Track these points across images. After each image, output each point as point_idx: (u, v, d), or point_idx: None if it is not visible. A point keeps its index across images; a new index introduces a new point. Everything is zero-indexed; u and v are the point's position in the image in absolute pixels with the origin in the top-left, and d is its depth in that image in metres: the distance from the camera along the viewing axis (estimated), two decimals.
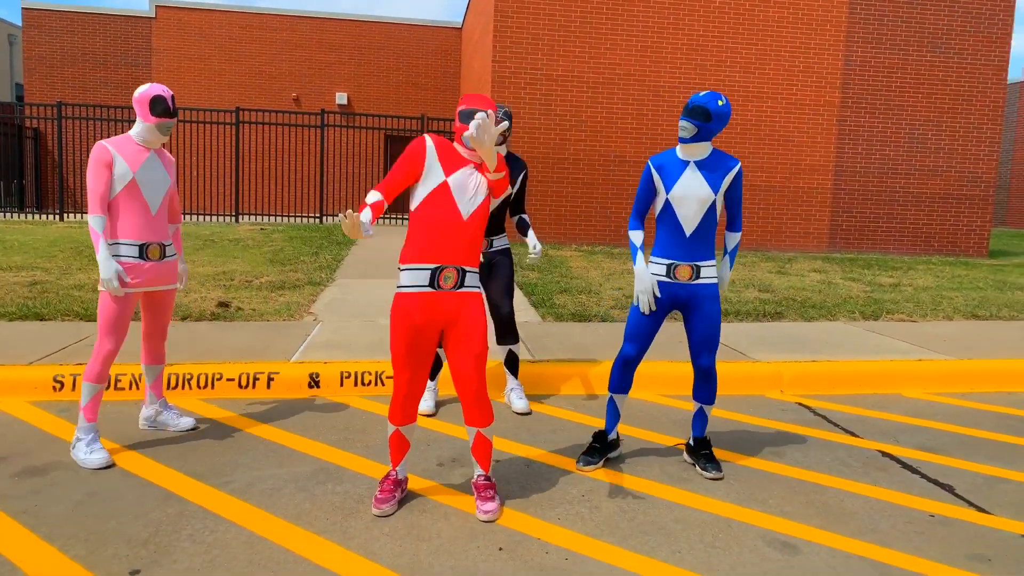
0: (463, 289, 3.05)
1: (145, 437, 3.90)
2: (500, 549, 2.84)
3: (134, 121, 15.32)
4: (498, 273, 4.40)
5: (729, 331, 6.29)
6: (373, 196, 2.95)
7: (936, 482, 3.61)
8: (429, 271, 2.99)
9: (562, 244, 13.09)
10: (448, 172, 3.03)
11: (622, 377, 3.67)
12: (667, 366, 5.09)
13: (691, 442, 3.73)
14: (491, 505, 3.08)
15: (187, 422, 3.99)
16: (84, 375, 3.54)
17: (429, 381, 4.52)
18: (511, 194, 4.38)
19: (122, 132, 19.10)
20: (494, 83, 12.68)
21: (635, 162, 13.13)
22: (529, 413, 4.48)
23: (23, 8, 20.04)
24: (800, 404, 4.85)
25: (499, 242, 4.41)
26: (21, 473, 3.40)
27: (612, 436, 3.75)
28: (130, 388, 4.57)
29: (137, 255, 3.60)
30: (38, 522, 2.94)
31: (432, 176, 3.02)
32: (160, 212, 3.69)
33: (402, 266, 3.04)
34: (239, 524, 2.98)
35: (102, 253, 3.49)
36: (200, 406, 4.43)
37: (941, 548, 2.94)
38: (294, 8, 20.98)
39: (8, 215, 16.10)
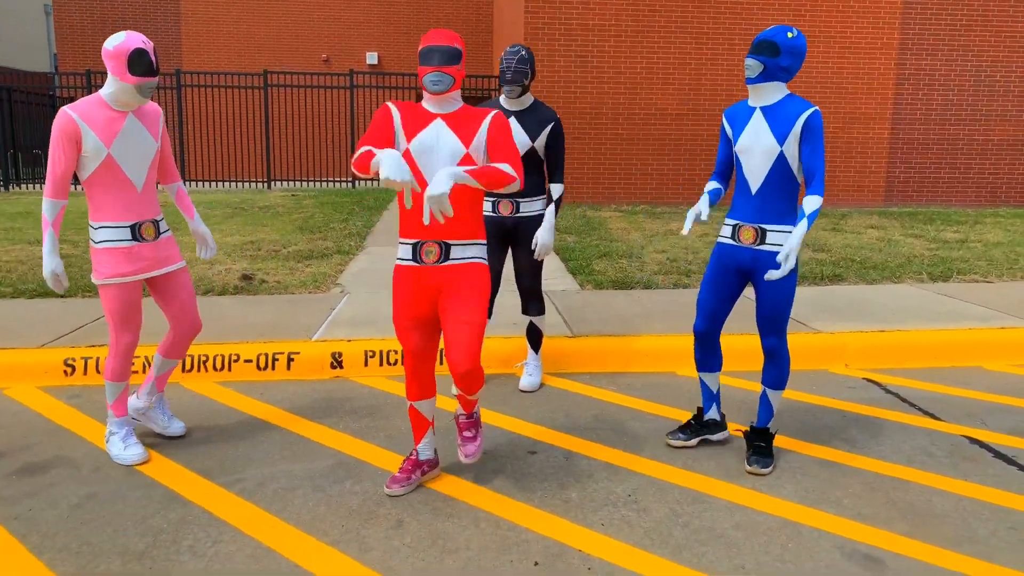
0: (452, 262, 2.81)
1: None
2: (536, 564, 2.49)
3: (169, 89, 15.07)
4: (524, 242, 3.94)
5: None
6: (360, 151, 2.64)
7: None
8: (411, 246, 2.83)
9: (601, 204, 12.55)
10: (410, 138, 2.76)
11: (701, 353, 3.36)
12: (729, 339, 4.64)
13: (750, 429, 3.31)
14: (472, 447, 2.97)
15: (177, 427, 3.48)
16: (105, 373, 3.22)
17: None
18: (532, 150, 3.86)
19: (156, 100, 18.97)
20: (527, 35, 12.06)
21: (676, 115, 12.45)
22: (535, 390, 4.13)
23: None
24: (869, 380, 4.38)
25: (528, 207, 3.90)
26: (19, 471, 3.15)
27: (710, 416, 3.41)
28: (144, 371, 4.31)
29: (130, 237, 3.11)
30: (29, 529, 2.69)
31: (399, 145, 2.79)
32: (148, 186, 3.18)
33: (399, 238, 2.89)
34: (245, 532, 2.68)
35: (46, 246, 3.01)
36: (215, 390, 4.15)
37: None
38: None
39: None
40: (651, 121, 12.47)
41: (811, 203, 2.95)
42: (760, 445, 3.21)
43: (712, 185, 3.32)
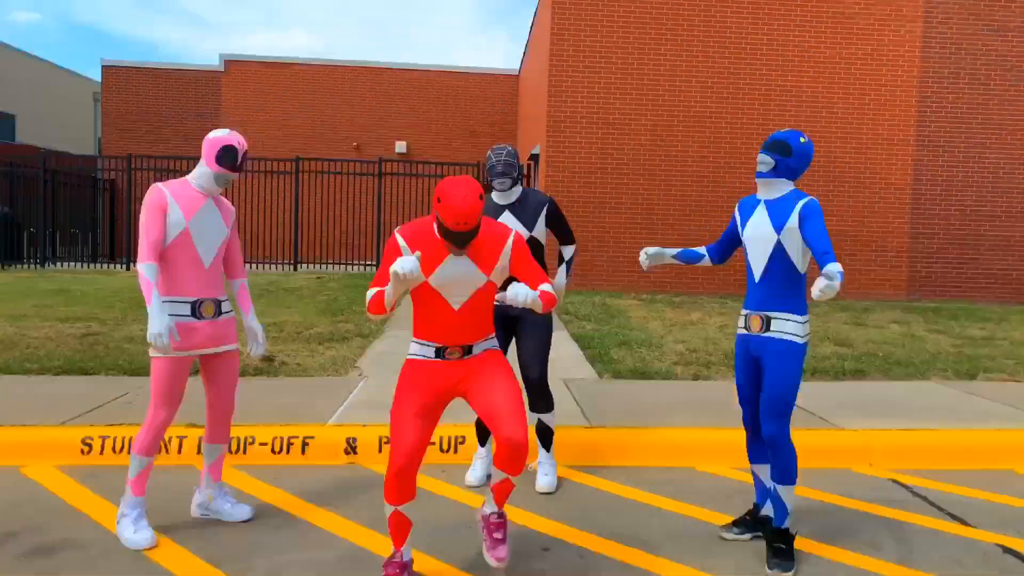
0: (472, 356, 2.87)
1: (168, 510, 3.61)
2: None
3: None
4: (529, 331, 3.87)
5: (806, 392, 5.69)
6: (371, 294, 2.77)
7: None
8: (434, 348, 2.86)
9: (621, 293, 12.62)
10: (428, 271, 2.75)
11: (749, 444, 3.41)
12: (742, 433, 4.56)
13: (768, 530, 3.20)
14: (504, 550, 2.82)
15: (243, 511, 3.49)
16: (134, 446, 3.24)
17: (480, 447, 4.12)
18: (532, 238, 3.87)
19: None
20: (549, 128, 12.47)
21: (696, 207, 12.65)
22: (553, 490, 3.97)
23: (103, 65, 21.08)
24: (894, 481, 4.25)
25: None
26: (28, 552, 3.13)
27: (765, 512, 3.38)
28: (164, 451, 4.31)
29: (189, 313, 3.25)
30: None
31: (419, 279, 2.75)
32: (214, 266, 3.37)
33: (413, 337, 2.91)
34: None
35: (154, 305, 3.08)
36: (230, 474, 4.13)
37: None
38: (356, 59, 21.45)
39: (81, 266, 16.62)
40: (669, 213, 12.66)
41: (832, 271, 2.76)
42: (780, 547, 3.11)
43: (700, 249, 3.58)
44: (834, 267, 2.75)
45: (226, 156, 3.28)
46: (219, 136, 3.29)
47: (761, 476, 3.40)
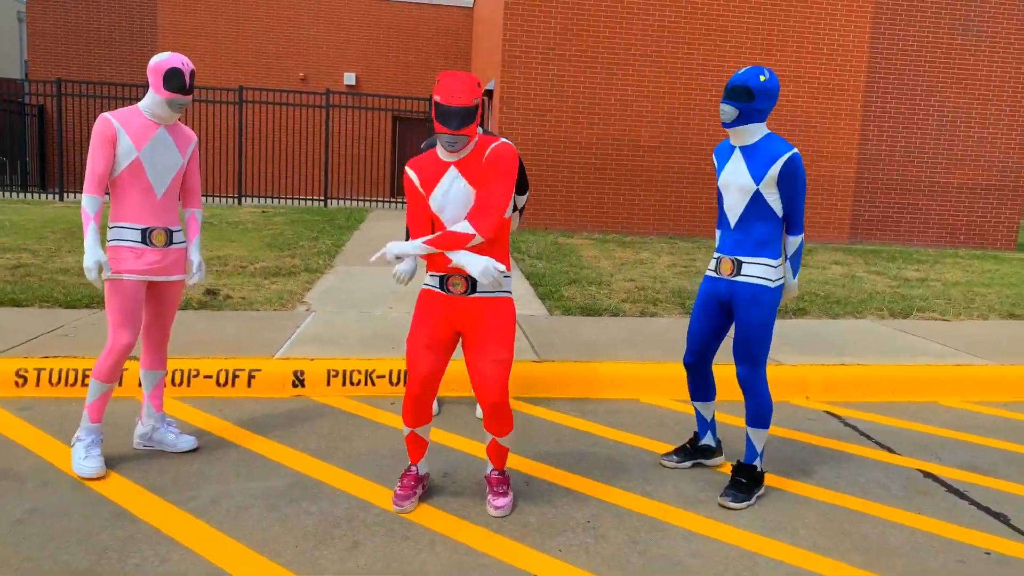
0: (479, 295, 2.87)
1: (110, 442, 3.54)
2: None
3: (135, 99, 14.94)
4: None
5: None
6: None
7: (987, 510, 3.20)
8: (439, 277, 2.90)
9: (572, 232, 12.65)
10: (428, 193, 2.86)
11: (692, 384, 3.45)
12: (680, 367, 4.68)
13: (737, 462, 3.28)
14: (503, 500, 2.96)
15: (187, 441, 3.45)
16: (93, 371, 3.20)
17: None
18: None
19: None
20: (504, 63, 12.21)
21: (649, 147, 12.65)
22: None
23: None
24: (828, 413, 4.44)
25: None
26: None
27: (705, 441, 3.49)
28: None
29: (139, 240, 3.21)
30: None
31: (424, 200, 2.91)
32: (168, 195, 3.29)
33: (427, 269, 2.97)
34: (196, 551, 2.61)
35: (89, 238, 3.10)
36: (173, 406, 4.06)
37: None
38: None
39: (9, 195, 15.80)
40: (624, 152, 12.65)
41: (791, 244, 3.16)
42: (740, 480, 3.19)
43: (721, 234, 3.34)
44: (794, 283, 3.21)
45: (173, 79, 3.15)
46: (162, 60, 3.15)
47: (703, 412, 3.48)
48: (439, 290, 2.89)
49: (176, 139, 3.31)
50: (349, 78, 20.04)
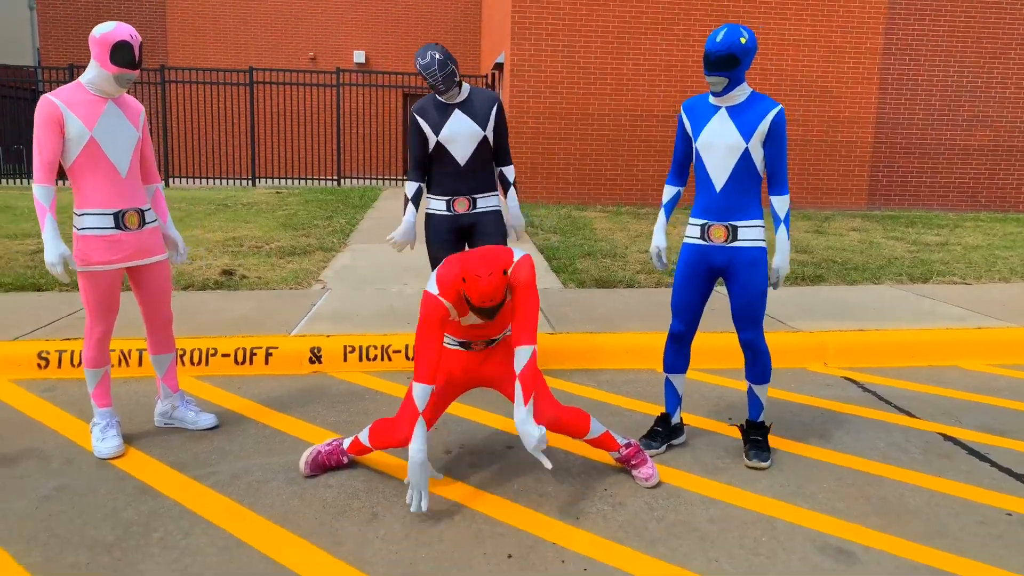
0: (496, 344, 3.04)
1: (132, 420, 3.59)
2: (509, 556, 2.48)
3: (148, 83, 14.95)
4: (482, 241, 3.83)
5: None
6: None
7: (1009, 471, 3.17)
8: (459, 342, 3.04)
9: (586, 205, 12.58)
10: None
11: (672, 355, 3.32)
12: (704, 337, 4.66)
13: (744, 424, 3.31)
14: (646, 469, 3.00)
15: (207, 419, 3.47)
16: (83, 361, 3.21)
17: None
18: (485, 139, 3.74)
19: (140, 96, 18.81)
20: (513, 35, 12.07)
21: (663, 117, 12.50)
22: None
23: None
24: (847, 379, 4.41)
25: (484, 201, 3.82)
26: None
27: (676, 420, 3.37)
28: (119, 364, 4.26)
29: (112, 225, 3.09)
30: None
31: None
32: (132, 174, 3.16)
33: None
34: (217, 524, 2.65)
35: (47, 232, 2.95)
36: (192, 384, 4.11)
37: None
38: None
39: (25, 182, 15.96)
40: (637, 123, 12.51)
41: (779, 204, 3.08)
42: (757, 439, 3.20)
43: (670, 193, 3.31)
44: (788, 246, 3.11)
45: (121, 53, 2.96)
46: (108, 32, 2.94)
47: (677, 386, 3.34)
48: (456, 347, 2.98)
49: (126, 112, 3.14)
50: (359, 56, 19.92)
